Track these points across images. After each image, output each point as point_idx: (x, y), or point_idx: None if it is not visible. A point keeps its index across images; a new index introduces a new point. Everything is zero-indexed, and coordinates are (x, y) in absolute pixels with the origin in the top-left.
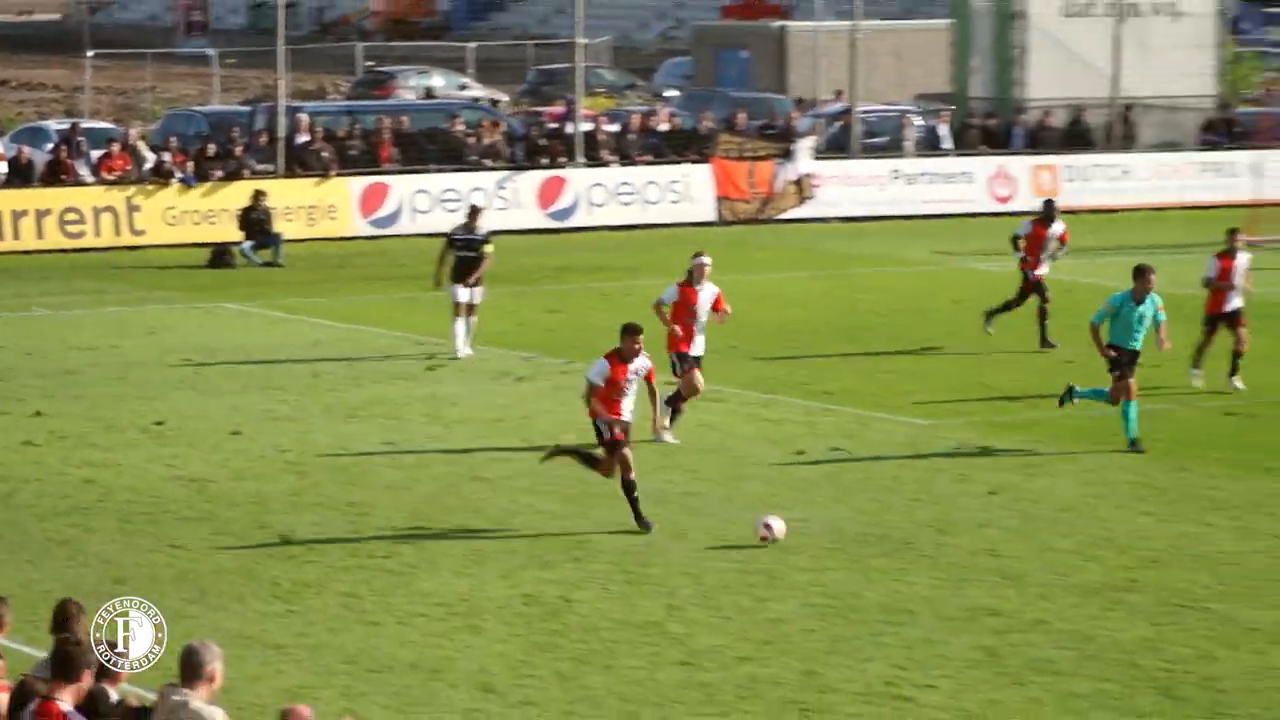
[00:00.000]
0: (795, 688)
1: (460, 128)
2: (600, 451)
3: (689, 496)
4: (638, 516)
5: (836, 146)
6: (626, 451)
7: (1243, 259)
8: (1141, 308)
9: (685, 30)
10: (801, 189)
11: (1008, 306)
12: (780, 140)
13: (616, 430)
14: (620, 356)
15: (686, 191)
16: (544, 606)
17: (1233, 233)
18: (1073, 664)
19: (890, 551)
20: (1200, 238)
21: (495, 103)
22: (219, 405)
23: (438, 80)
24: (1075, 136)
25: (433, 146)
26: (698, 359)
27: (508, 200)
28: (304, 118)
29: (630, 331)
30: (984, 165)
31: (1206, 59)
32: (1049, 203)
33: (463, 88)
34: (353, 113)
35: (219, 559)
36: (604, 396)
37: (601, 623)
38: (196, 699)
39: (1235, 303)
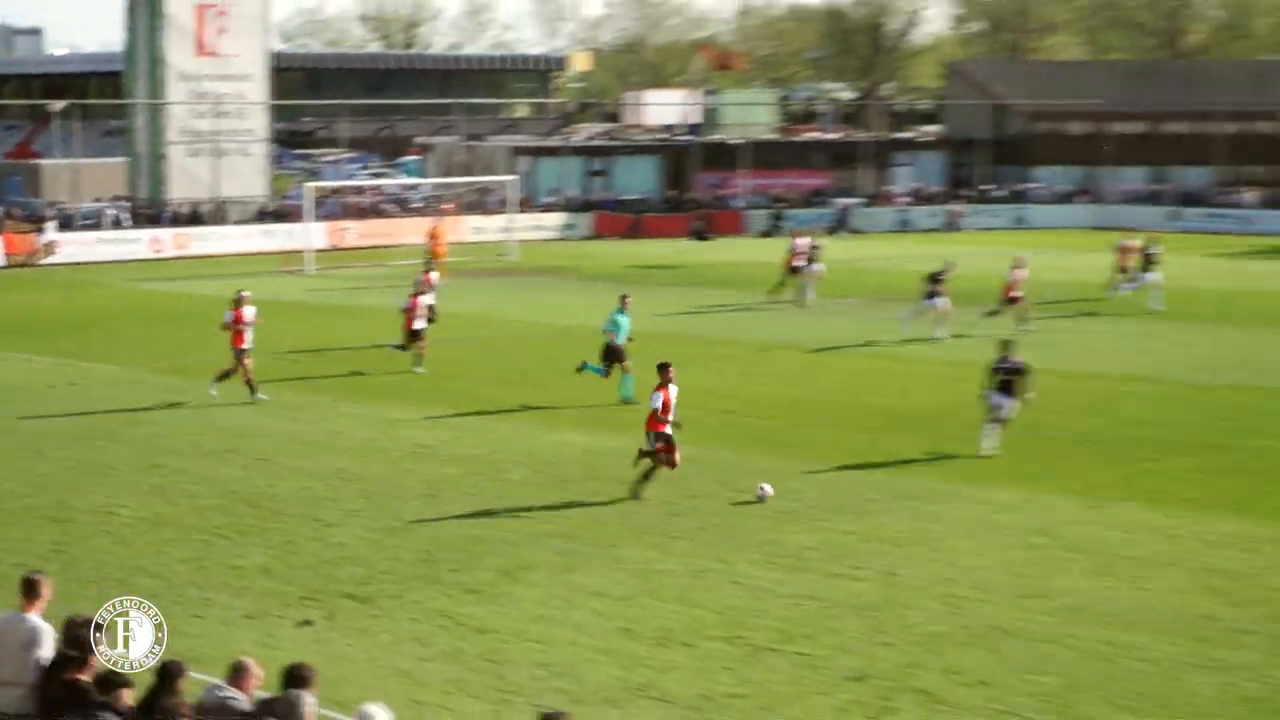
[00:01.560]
0: (149, 522)
1: None
2: (649, 450)
3: (97, 422)
4: (637, 485)
5: (65, 226)
6: (672, 457)
7: (427, 298)
8: (625, 319)
9: None
10: (50, 248)
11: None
12: (39, 223)
13: (657, 443)
14: (664, 386)
15: None
16: None
17: (426, 274)
18: (330, 496)
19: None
20: (260, 270)
21: None
22: None
23: None
24: (195, 218)
25: None
26: (248, 350)
27: None
28: None
29: (663, 367)
30: (146, 233)
31: (264, 177)
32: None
33: None
34: None
35: None
36: (655, 418)
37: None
38: None
39: (420, 324)
